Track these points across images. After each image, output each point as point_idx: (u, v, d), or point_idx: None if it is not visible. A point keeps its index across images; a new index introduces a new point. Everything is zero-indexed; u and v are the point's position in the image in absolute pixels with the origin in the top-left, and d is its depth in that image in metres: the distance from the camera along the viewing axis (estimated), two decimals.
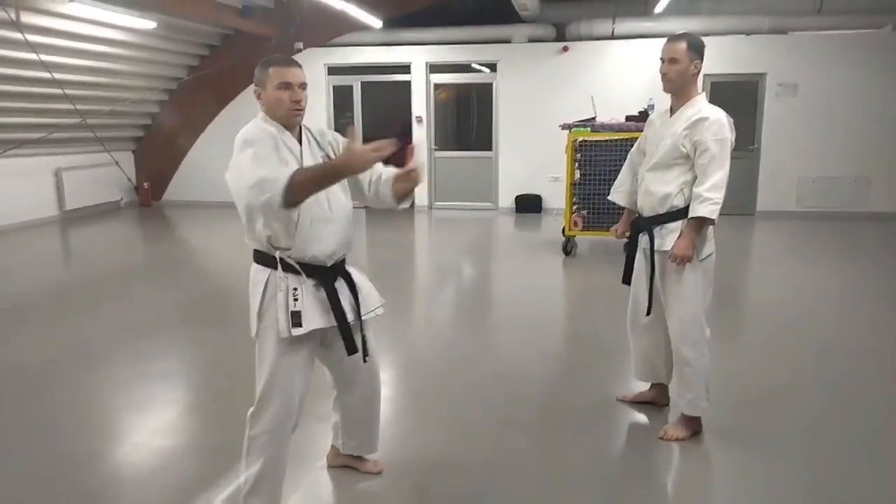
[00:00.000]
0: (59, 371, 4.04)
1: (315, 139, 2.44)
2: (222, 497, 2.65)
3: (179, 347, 4.54)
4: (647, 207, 3.10)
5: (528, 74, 10.10)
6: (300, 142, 2.36)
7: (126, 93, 9.76)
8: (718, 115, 2.93)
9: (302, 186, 2.07)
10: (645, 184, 3.10)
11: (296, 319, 2.26)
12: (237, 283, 2.35)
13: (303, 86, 2.30)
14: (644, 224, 3.11)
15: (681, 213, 2.98)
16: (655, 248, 3.05)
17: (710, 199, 2.87)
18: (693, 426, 3.14)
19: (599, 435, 3.21)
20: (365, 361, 2.50)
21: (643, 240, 3.12)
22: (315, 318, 2.31)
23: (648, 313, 3.18)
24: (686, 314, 3.02)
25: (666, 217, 3.02)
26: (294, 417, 2.38)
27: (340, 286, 2.41)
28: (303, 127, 2.41)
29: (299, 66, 2.32)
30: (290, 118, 2.29)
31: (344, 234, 2.41)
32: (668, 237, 2.99)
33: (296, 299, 2.27)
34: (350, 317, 2.40)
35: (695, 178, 2.95)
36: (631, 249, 3.23)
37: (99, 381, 3.91)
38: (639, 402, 3.47)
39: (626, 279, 3.28)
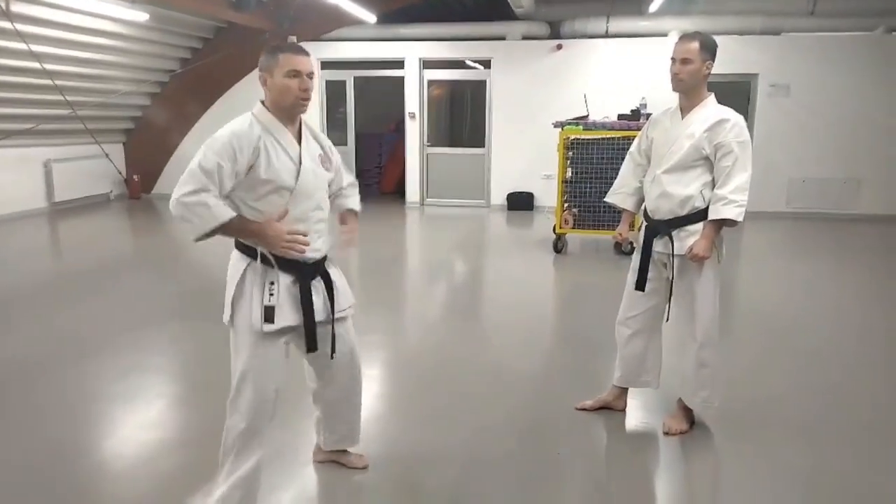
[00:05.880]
0: (46, 363, 4.01)
1: (313, 137, 2.43)
2: (207, 488, 2.64)
3: (167, 340, 4.52)
4: (663, 210, 2.99)
5: (521, 72, 10.10)
6: (300, 139, 2.34)
7: (117, 85, 9.69)
8: (738, 118, 2.89)
9: (231, 231, 2.21)
10: (661, 186, 2.97)
11: (269, 314, 2.25)
12: (225, 277, 2.34)
13: (311, 75, 2.29)
14: (661, 227, 3.01)
15: (701, 215, 2.93)
16: (675, 251, 2.97)
17: (735, 202, 2.82)
18: (690, 417, 3.18)
19: (589, 432, 3.22)
20: (332, 358, 2.48)
21: (659, 243, 3.03)
22: (288, 314, 2.30)
23: (668, 319, 3.15)
24: (708, 317, 3.00)
25: (685, 219, 2.95)
26: (271, 407, 2.35)
27: (318, 283, 2.39)
28: (303, 123, 2.39)
29: (308, 54, 2.31)
30: (296, 107, 2.28)
31: (326, 234, 2.41)
32: (688, 240, 2.93)
33: (272, 294, 2.26)
34: (321, 316, 2.38)
35: (713, 179, 2.91)
36: (645, 254, 3.05)
37: (87, 373, 3.89)
38: (598, 409, 3.38)
39: (641, 285, 3.09)
